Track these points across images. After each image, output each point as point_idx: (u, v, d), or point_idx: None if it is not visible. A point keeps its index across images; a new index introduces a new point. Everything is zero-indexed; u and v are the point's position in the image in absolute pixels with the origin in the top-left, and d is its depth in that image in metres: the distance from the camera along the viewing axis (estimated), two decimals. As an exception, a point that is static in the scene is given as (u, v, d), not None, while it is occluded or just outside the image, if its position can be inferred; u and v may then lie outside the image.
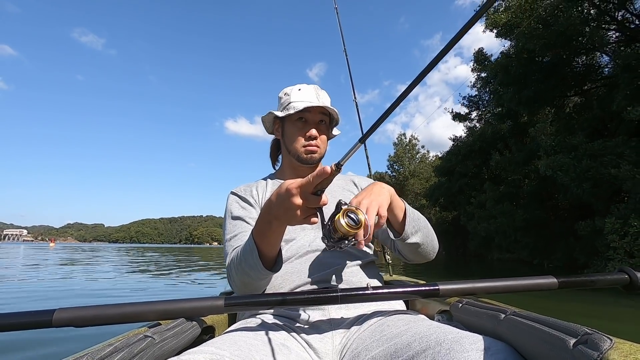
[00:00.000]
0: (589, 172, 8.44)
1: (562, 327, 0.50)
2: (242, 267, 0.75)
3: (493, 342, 0.52)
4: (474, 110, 20.38)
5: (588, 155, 8.62)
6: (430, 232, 0.89)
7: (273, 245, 0.72)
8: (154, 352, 0.64)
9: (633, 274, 0.66)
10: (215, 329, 0.94)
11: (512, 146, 13.48)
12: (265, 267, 0.73)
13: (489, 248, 18.67)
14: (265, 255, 0.73)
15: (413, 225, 0.82)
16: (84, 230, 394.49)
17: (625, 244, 7.07)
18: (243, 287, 0.79)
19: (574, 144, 9.08)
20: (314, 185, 0.57)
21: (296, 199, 0.59)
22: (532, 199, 15.19)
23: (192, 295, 4.37)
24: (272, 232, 0.69)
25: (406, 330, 0.63)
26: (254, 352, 0.60)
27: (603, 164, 8.28)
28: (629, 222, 7.10)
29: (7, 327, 0.53)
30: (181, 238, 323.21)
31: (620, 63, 8.70)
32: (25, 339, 2.65)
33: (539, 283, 0.66)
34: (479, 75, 17.23)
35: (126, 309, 0.57)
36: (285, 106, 1.00)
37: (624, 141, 8.39)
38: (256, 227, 0.71)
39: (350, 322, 0.77)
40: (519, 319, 0.58)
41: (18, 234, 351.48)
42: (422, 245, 0.86)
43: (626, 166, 7.52)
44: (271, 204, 0.66)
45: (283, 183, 0.63)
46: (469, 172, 21.65)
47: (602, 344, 0.42)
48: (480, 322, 0.70)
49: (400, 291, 0.67)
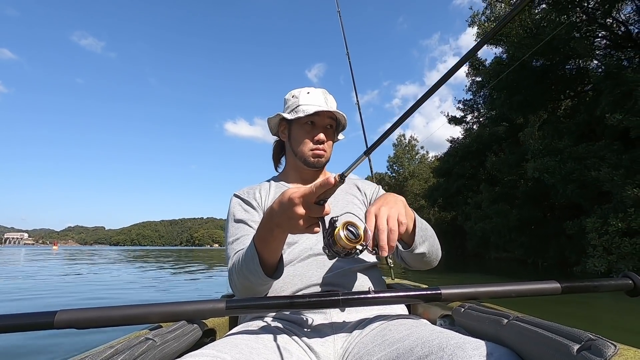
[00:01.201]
0: (573, 174, 8.97)
1: (565, 332, 0.49)
2: (243, 272, 0.76)
3: (496, 348, 0.52)
4: (469, 113, 20.90)
5: (573, 158, 9.15)
6: (436, 242, 0.88)
7: (274, 252, 0.73)
8: (155, 354, 0.64)
9: (637, 279, 0.66)
10: (216, 332, 0.94)
11: (506, 149, 13.99)
12: (266, 274, 0.73)
13: (486, 247, 19.04)
14: (266, 261, 0.73)
15: (421, 235, 0.81)
16: (84, 233, 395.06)
17: (604, 241, 7.61)
18: (244, 291, 0.80)
19: (560, 148, 9.62)
20: (317, 195, 0.58)
21: (299, 208, 0.60)
22: (526, 199, 15.60)
23: (193, 297, 4.62)
24: (273, 239, 0.70)
25: (408, 335, 0.63)
26: (255, 355, 0.60)
27: (587, 167, 8.80)
28: (608, 222, 7.62)
29: (9, 329, 0.54)
30: (182, 240, 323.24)
31: (602, 71, 9.21)
32: (27, 340, 2.65)
33: (542, 288, 0.65)
34: (473, 79, 17.76)
35: (127, 311, 0.58)
36: (294, 109, 1.00)
37: (607, 145, 8.91)
38: (258, 233, 0.72)
39: (352, 326, 0.77)
40: (521, 324, 0.58)
41: (19, 238, 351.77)
42: (428, 255, 0.85)
43: (606, 169, 8.05)
44: (273, 212, 0.66)
45: (285, 191, 0.63)
46: (466, 173, 22.09)
47: (606, 350, 0.42)
48: (482, 326, 0.69)
49: (402, 295, 0.67)
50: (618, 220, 7.38)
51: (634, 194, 7.05)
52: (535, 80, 12.01)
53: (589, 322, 3.40)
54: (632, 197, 7.11)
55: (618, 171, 7.82)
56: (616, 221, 7.38)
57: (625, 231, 7.30)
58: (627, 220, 7.24)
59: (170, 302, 0.61)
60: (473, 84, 17.88)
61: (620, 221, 7.33)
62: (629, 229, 7.20)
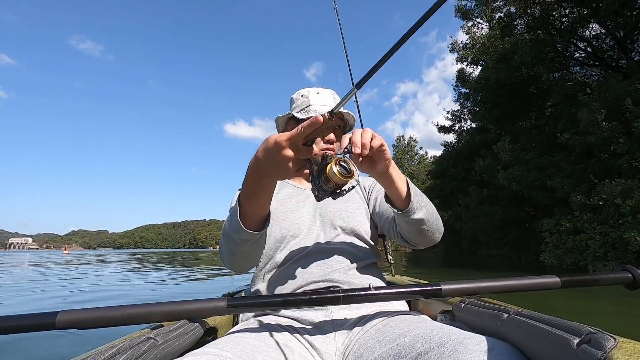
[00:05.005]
0: (536, 182, 10.58)
1: (565, 326, 0.50)
2: (226, 233, 0.76)
3: (496, 343, 0.52)
4: (457, 123, 22.52)
5: (536, 168, 10.76)
6: (434, 211, 0.86)
7: (262, 205, 0.71)
8: (157, 354, 0.63)
9: (636, 272, 0.66)
10: (218, 330, 0.93)
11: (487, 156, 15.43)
12: (255, 230, 0.72)
13: (478, 245, 20.27)
14: (254, 217, 0.71)
15: (417, 200, 0.78)
16: (88, 237, 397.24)
17: (554, 239, 9.25)
18: (230, 256, 0.80)
19: (526, 159, 11.26)
20: (304, 136, 0.57)
21: (287, 151, 0.59)
22: (511, 200, 16.96)
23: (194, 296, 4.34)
24: (262, 190, 0.68)
25: (409, 331, 0.63)
26: (256, 353, 0.60)
27: (547, 176, 10.40)
28: (560, 222, 9.25)
29: (11, 329, 0.54)
30: (185, 242, 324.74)
31: (559, 94, 10.84)
32: (29, 340, 2.64)
33: (541, 282, 0.66)
34: (460, 92, 19.40)
35: (129, 310, 0.58)
36: (304, 108, 1.00)
37: (565, 156, 10.49)
38: (243, 188, 0.69)
39: (352, 323, 0.77)
40: (522, 319, 0.58)
41: (23, 243, 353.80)
42: (427, 223, 0.82)
43: (558, 178, 9.68)
44: (258, 162, 0.64)
45: (269, 137, 0.61)
46: (459, 175, 23.39)
47: (606, 343, 0.42)
48: (483, 322, 0.69)
49: (403, 291, 0.67)
50: (567, 221, 9.00)
51: (577, 200, 8.67)
52: (510, 97, 13.61)
53: (589, 315, 3.36)
54: (576, 202, 8.74)
55: (567, 180, 9.45)
56: (565, 222, 9.00)
57: (573, 230, 8.91)
58: (574, 221, 8.86)
59: (171, 301, 0.63)
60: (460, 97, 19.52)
61: (568, 222, 8.96)
62: (575, 228, 8.81)
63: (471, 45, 14.13)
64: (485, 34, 14.10)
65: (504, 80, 12.64)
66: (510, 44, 11.84)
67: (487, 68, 12.70)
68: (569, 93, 10.62)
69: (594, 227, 8.22)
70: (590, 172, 8.94)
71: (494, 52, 12.55)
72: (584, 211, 8.65)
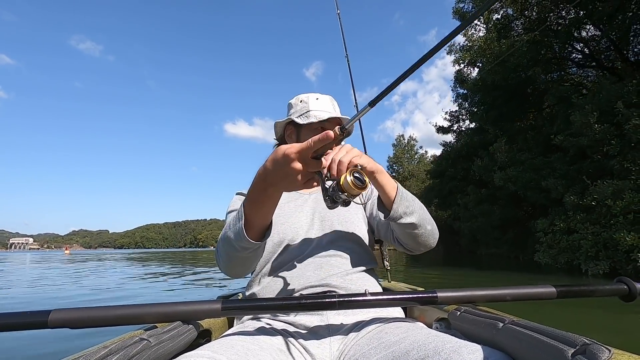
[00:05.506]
0: (531, 182, 10.73)
1: (560, 336, 0.50)
2: (226, 238, 0.75)
3: (491, 352, 0.52)
4: (455, 123, 22.66)
5: (532, 169, 10.91)
6: (428, 216, 0.86)
7: (266, 215, 0.71)
8: (150, 355, 0.63)
9: (632, 285, 0.66)
10: (212, 333, 0.93)
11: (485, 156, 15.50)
12: (256, 239, 0.71)
13: (477, 244, 20.35)
14: (256, 226, 0.71)
15: (407, 205, 0.80)
16: (89, 237, 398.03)
17: (548, 239, 9.41)
18: (227, 261, 0.79)
19: (522, 160, 11.41)
20: (314, 150, 0.57)
21: (296, 164, 0.59)
22: (508, 200, 17.07)
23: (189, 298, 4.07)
24: (267, 199, 0.68)
25: (404, 338, 0.63)
26: (251, 356, 0.60)
27: (542, 177, 10.56)
28: (554, 222, 9.41)
29: (2, 328, 0.53)
30: (186, 242, 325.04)
31: (556, 95, 10.99)
32: (20, 340, 2.62)
33: (537, 292, 0.66)
34: (458, 92, 19.57)
35: (122, 311, 0.57)
36: (304, 113, 1.01)
37: (559, 157, 10.64)
38: (248, 196, 0.69)
39: (348, 329, 0.77)
40: (517, 328, 0.58)
41: (24, 243, 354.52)
42: (419, 228, 0.83)
43: (552, 179, 9.84)
44: (267, 171, 0.64)
45: (279, 148, 0.61)
46: (457, 175, 23.45)
47: (600, 354, 0.42)
48: (478, 330, 0.69)
49: (399, 298, 0.67)
50: (561, 221, 9.17)
51: (571, 200, 8.84)
52: (506, 98, 13.77)
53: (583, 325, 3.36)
54: (570, 202, 8.90)
55: (562, 181, 9.61)
56: (559, 222, 9.17)
57: (566, 230, 9.06)
58: (568, 221, 9.02)
59: (165, 302, 0.62)
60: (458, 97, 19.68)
61: (562, 222, 9.11)
62: (569, 228, 8.97)
63: (468, 47, 14.30)
64: (483, 36, 14.24)
65: (500, 82, 12.79)
66: (507, 47, 11.99)
67: (483, 70, 12.84)
68: (563, 95, 10.77)
69: (586, 227, 8.37)
70: (584, 173, 9.10)
71: (490, 55, 12.70)
72: (577, 211, 8.80)
